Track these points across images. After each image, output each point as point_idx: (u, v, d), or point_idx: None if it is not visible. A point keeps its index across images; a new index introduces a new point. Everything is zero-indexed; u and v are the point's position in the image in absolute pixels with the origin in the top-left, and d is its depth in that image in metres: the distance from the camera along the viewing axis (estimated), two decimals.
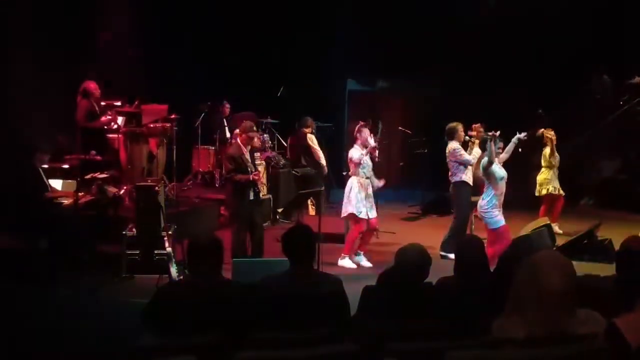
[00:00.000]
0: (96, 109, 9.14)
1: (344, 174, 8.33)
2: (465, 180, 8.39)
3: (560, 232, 9.44)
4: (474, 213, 8.71)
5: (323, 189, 9.19)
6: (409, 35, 12.43)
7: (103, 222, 7.78)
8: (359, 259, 8.04)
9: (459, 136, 8.45)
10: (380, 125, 8.65)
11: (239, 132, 7.84)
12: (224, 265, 3.96)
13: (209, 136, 11.63)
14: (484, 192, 7.32)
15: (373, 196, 8.02)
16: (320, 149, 10.54)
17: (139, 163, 9.47)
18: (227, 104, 11.78)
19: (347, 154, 8.18)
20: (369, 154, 7.99)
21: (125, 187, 8.94)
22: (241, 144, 7.51)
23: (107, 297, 6.59)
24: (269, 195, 10.15)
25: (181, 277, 6.76)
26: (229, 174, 7.40)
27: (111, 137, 9.44)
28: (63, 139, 9.17)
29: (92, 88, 9.11)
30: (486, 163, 7.18)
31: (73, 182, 7.86)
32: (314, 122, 10.63)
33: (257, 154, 9.23)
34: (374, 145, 8.00)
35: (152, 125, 9.64)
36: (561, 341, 2.55)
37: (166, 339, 3.47)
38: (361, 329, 3.61)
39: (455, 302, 3.77)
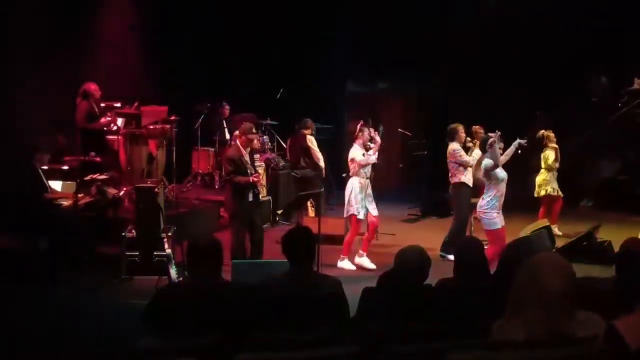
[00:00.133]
0: (96, 110, 9.14)
1: (343, 175, 8.32)
2: (465, 182, 8.39)
3: (560, 233, 9.44)
4: (473, 215, 8.72)
5: (322, 190, 9.19)
6: (409, 36, 12.44)
7: (102, 224, 7.77)
8: (362, 260, 7.98)
9: (460, 137, 8.48)
10: (381, 128, 8.65)
11: (238, 134, 7.85)
12: (223, 266, 3.95)
13: (208, 138, 11.61)
14: (484, 193, 7.31)
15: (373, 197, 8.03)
16: (320, 151, 10.53)
17: (138, 164, 9.48)
18: (226, 106, 11.77)
19: (347, 155, 8.16)
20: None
21: (124, 189, 8.95)
22: (240, 145, 7.51)
23: (106, 298, 6.60)
24: (269, 197, 10.15)
25: (181, 279, 6.77)
26: (229, 175, 7.39)
27: (111, 138, 9.44)
28: (63, 139, 9.16)
29: (93, 89, 9.10)
30: (490, 165, 7.14)
31: (72, 183, 7.85)
32: (313, 124, 10.63)
33: (256, 156, 9.23)
34: (379, 142, 7.98)
35: (152, 127, 9.64)
36: (561, 343, 2.55)
37: (166, 340, 3.47)
38: (361, 330, 3.61)
39: (455, 303, 3.77)
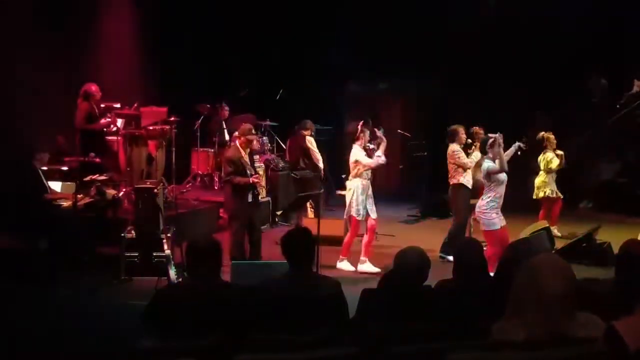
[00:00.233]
0: (96, 111, 9.14)
1: (342, 176, 8.31)
2: (463, 183, 8.40)
3: (559, 235, 9.44)
4: (472, 216, 8.71)
5: (322, 191, 9.19)
6: (409, 36, 12.44)
7: (102, 224, 7.76)
8: (365, 267, 7.87)
9: (460, 138, 8.48)
10: (382, 129, 8.65)
11: (238, 135, 7.84)
12: (222, 267, 3.95)
13: (208, 139, 11.61)
14: (483, 194, 7.31)
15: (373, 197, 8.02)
16: (319, 152, 10.54)
17: (138, 165, 9.48)
18: (226, 107, 11.75)
19: (347, 156, 8.14)
20: (371, 152, 7.99)
21: (124, 189, 8.95)
22: (240, 146, 7.50)
23: (106, 298, 6.59)
24: (268, 198, 10.15)
25: (180, 280, 6.77)
26: (228, 176, 7.39)
27: (110, 139, 9.45)
28: (62, 140, 9.16)
29: (94, 90, 9.10)
30: (494, 170, 7.11)
31: (72, 184, 7.86)
32: (313, 125, 10.63)
33: (256, 157, 9.23)
34: (385, 142, 7.97)
35: (152, 128, 9.64)
36: (561, 344, 2.55)
37: (165, 341, 3.47)
38: (360, 331, 3.61)
39: (454, 304, 3.77)
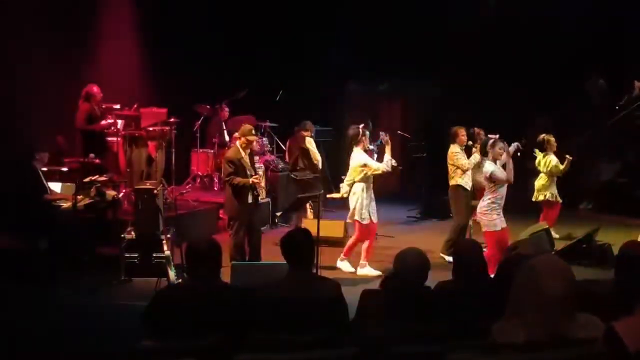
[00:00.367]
0: (97, 112, 9.14)
1: (342, 177, 8.30)
2: (461, 184, 8.42)
3: (557, 236, 9.43)
4: (473, 217, 8.72)
5: (322, 192, 9.18)
6: (409, 36, 12.43)
7: (102, 225, 7.77)
8: (365, 270, 7.82)
9: (460, 140, 8.50)
10: (382, 134, 8.65)
11: (238, 136, 7.83)
12: (222, 268, 3.95)
13: (207, 139, 11.61)
14: (484, 195, 7.31)
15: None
16: (319, 153, 10.53)
17: (137, 166, 9.49)
18: (226, 107, 11.76)
19: (347, 157, 8.12)
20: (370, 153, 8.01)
21: (124, 190, 8.96)
22: (240, 147, 7.49)
23: (106, 299, 6.59)
24: (268, 199, 10.15)
25: (180, 281, 6.77)
26: (228, 177, 7.38)
27: (110, 140, 9.45)
28: (62, 140, 9.16)
29: (95, 91, 9.12)
30: (500, 178, 7.10)
31: (72, 185, 7.86)
32: (313, 126, 10.63)
33: (256, 158, 9.22)
34: (389, 143, 7.98)
35: (151, 129, 9.65)
36: (561, 345, 2.55)
37: (165, 342, 3.47)
38: (360, 332, 3.61)
39: (454, 305, 3.77)
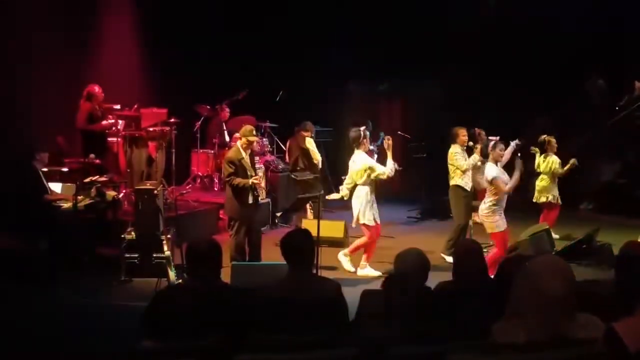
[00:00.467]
0: (98, 112, 9.15)
1: (343, 178, 8.30)
2: (460, 185, 8.43)
3: (557, 236, 9.43)
4: (474, 218, 8.73)
5: (322, 192, 9.18)
6: (409, 36, 12.43)
7: (102, 225, 7.77)
8: (366, 271, 7.83)
9: (460, 140, 8.51)
10: (382, 133, 8.66)
11: (238, 136, 7.83)
12: (222, 268, 3.95)
13: (208, 140, 11.62)
14: (486, 197, 7.31)
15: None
16: (319, 153, 10.54)
17: (138, 167, 9.50)
18: (226, 108, 11.77)
19: (347, 158, 8.11)
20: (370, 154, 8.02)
21: (124, 191, 8.96)
22: (241, 147, 7.49)
23: (106, 299, 6.59)
24: (268, 199, 10.15)
25: (180, 281, 6.77)
26: (229, 177, 7.38)
27: (110, 140, 9.46)
28: (62, 140, 9.16)
29: (96, 91, 9.13)
30: (499, 187, 7.11)
31: (72, 185, 7.86)
32: (313, 127, 10.63)
33: (256, 158, 9.22)
34: (389, 143, 7.97)
35: (152, 129, 9.65)
36: (561, 345, 2.55)
37: (165, 342, 3.47)
38: (360, 332, 3.61)
39: (454, 306, 3.76)
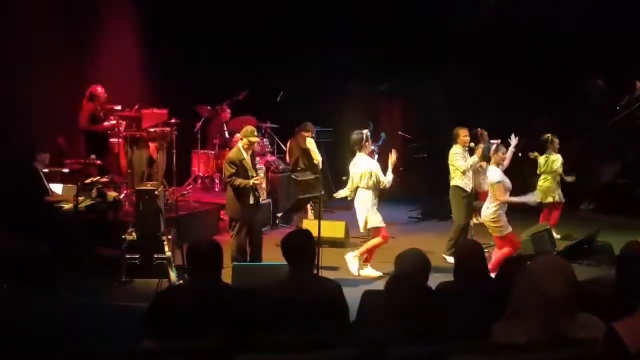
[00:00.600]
0: (100, 113, 9.16)
1: (343, 179, 8.31)
2: (459, 185, 8.42)
3: (559, 236, 9.43)
4: (474, 218, 8.73)
5: (322, 193, 9.19)
6: (409, 35, 12.42)
7: (103, 226, 7.77)
8: (366, 271, 7.82)
9: (461, 140, 8.50)
10: (383, 135, 8.67)
11: (240, 136, 7.83)
12: (223, 269, 3.95)
13: (209, 140, 11.62)
14: (489, 202, 7.30)
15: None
16: (319, 153, 10.54)
17: (138, 167, 9.50)
18: (227, 108, 11.77)
19: (347, 158, 8.12)
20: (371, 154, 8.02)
21: (125, 191, 8.96)
22: (242, 148, 7.49)
23: (106, 300, 6.59)
24: (269, 200, 10.15)
25: (181, 282, 6.77)
26: (230, 178, 7.38)
27: (111, 141, 9.46)
28: (63, 141, 9.17)
29: (99, 92, 9.14)
30: (501, 194, 7.12)
31: (73, 186, 7.86)
32: (314, 127, 10.64)
33: (257, 159, 9.23)
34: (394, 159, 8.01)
35: (152, 130, 9.65)
36: (561, 345, 2.55)
37: (166, 343, 3.47)
38: (361, 333, 3.61)
39: (455, 306, 3.76)
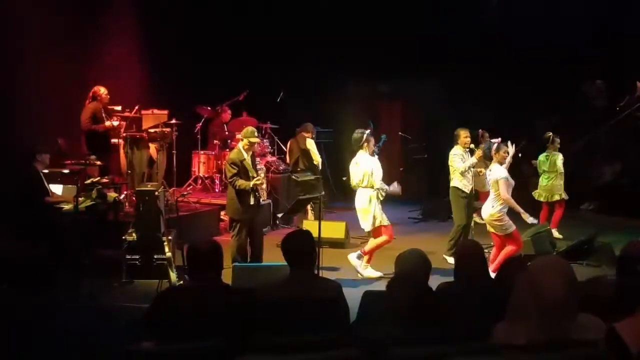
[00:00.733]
0: (102, 113, 9.16)
1: (344, 179, 8.31)
2: (458, 186, 8.42)
3: (560, 237, 9.43)
4: (475, 219, 8.73)
5: (322, 194, 9.20)
6: (408, 36, 12.43)
7: (103, 227, 7.77)
8: (367, 272, 7.82)
9: (462, 141, 8.49)
10: (384, 136, 8.65)
11: (240, 137, 7.82)
12: (223, 270, 3.95)
13: (209, 141, 11.63)
14: (493, 201, 7.29)
15: None
16: (319, 154, 10.55)
17: (139, 168, 9.50)
18: (227, 109, 11.78)
19: (346, 159, 8.11)
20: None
21: (125, 192, 8.96)
22: (242, 148, 7.48)
23: (106, 301, 6.58)
24: (269, 200, 10.16)
25: (181, 282, 6.77)
26: (231, 178, 7.37)
27: (112, 142, 9.47)
28: (63, 142, 9.17)
29: (102, 93, 9.15)
30: (503, 191, 7.12)
31: (73, 187, 7.86)
32: (314, 128, 10.64)
33: (257, 159, 9.23)
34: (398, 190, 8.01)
35: (153, 131, 9.66)
36: (562, 346, 2.55)
37: (166, 344, 3.47)
38: (361, 333, 3.61)
39: (455, 307, 3.76)
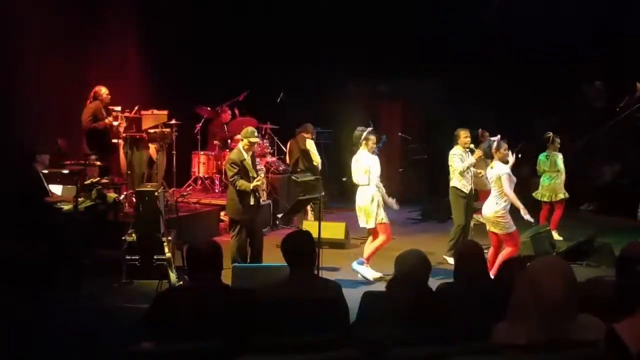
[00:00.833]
0: (103, 113, 9.16)
1: (344, 179, 8.30)
2: (457, 187, 8.41)
3: (561, 238, 9.42)
4: (475, 219, 8.72)
5: (322, 194, 9.19)
6: (408, 36, 12.43)
7: (103, 227, 7.77)
8: (366, 271, 7.87)
9: (462, 142, 8.48)
10: (384, 136, 8.66)
11: (240, 137, 7.82)
12: (223, 270, 3.95)
13: (209, 141, 11.63)
14: (495, 199, 7.29)
15: None
16: (319, 155, 10.56)
17: (139, 168, 9.51)
18: (227, 109, 11.78)
19: (346, 158, 8.12)
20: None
21: (125, 193, 8.96)
22: (242, 149, 7.48)
23: (106, 302, 6.58)
24: (269, 201, 10.16)
25: (181, 283, 6.77)
26: (232, 178, 7.37)
27: (114, 141, 9.47)
28: (62, 142, 9.17)
29: (103, 93, 9.15)
30: (506, 185, 7.14)
31: (73, 187, 7.86)
32: (314, 128, 10.64)
33: (257, 159, 9.23)
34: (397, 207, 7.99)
35: (152, 131, 9.66)
36: (562, 347, 2.55)
37: (166, 344, 3.47)
38: (361, 334, 3.61)
39: (455, 307, 3.76)
